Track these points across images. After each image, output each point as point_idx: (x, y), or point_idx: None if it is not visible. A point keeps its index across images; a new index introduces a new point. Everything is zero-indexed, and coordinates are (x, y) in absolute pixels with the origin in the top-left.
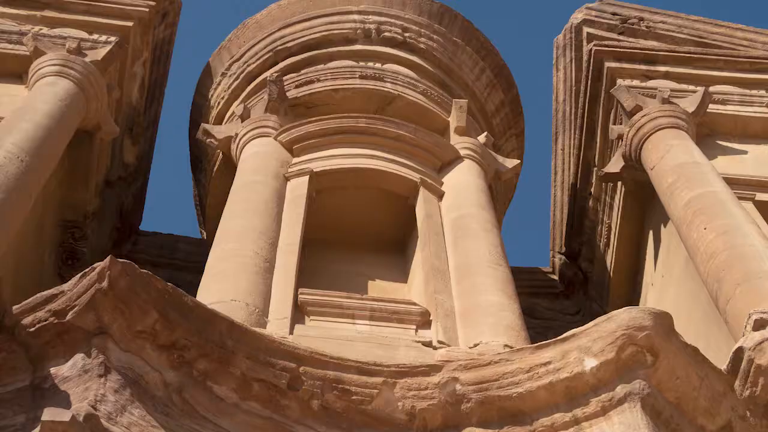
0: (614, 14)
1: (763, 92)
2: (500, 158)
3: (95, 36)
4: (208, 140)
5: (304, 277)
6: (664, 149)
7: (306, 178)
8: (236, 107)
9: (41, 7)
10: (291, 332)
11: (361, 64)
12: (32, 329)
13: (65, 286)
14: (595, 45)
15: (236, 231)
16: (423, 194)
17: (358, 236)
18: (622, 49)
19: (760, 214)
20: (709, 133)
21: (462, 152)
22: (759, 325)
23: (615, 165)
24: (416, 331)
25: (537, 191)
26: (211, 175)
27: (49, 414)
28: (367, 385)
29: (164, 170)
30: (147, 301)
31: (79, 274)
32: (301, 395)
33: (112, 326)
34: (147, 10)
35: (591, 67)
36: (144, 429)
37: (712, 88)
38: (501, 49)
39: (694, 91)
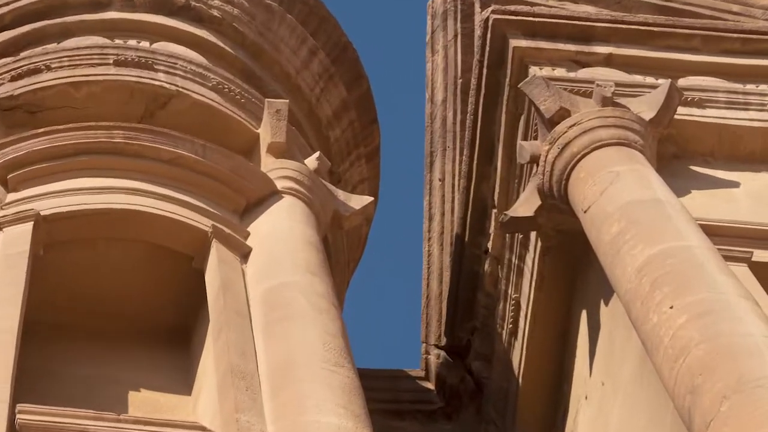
0: None
1: (764, 87)
2: (342, 194)
3: None
4: None
5: (27, 384)
6: (606, 179)
7: (29, 225)
8: None
9: None
10: None
11: (118, 42)
12: None
13: None
14: (493, 12)
15: None
16: (217, 252)
17: (115, 319)
18: (537, 18)
19: (760, 284)
20: (679, 152)
21: (280, 184)
22: None
23: (526, 205)
24: None
25: (406, 246)
26: None
27: None
28: None
29: None
30: None
31: None
32: None
33: None
34: None
35: (487, 48)
36: None
37: (682, 81)
38: (345, 19)
39: (654, 86)
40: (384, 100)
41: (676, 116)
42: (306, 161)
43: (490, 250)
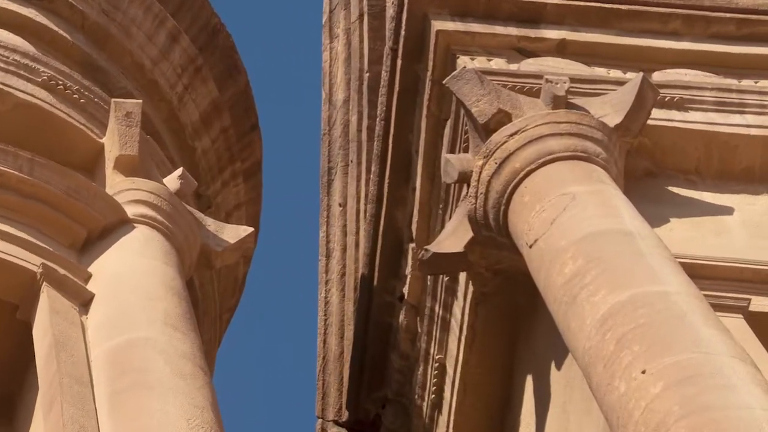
0: None
1: (765, 83)
2: (212, 223)
3: None
4: None
5: None
6: (558, 204)
7: None
8: None
9: None
10: None
11: None
12: None
13: None
14: None
15: None
16: (49, 299)
17: None
18: None
19: (760, 341)
20: (654, 169)
21: (131, 210)
22: None
23: (453, 238)
24: None
25: (297, 292)
26: None
27: None
28: None
29: None
30: None
31: None
32: None
33: None
34: None
35: (403, 32)
36: None
37: (657, 76)
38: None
39: (621, 82)
40: (268, 101)
41: (650, 121)
42: (165, 180)
43: (406, 297)
